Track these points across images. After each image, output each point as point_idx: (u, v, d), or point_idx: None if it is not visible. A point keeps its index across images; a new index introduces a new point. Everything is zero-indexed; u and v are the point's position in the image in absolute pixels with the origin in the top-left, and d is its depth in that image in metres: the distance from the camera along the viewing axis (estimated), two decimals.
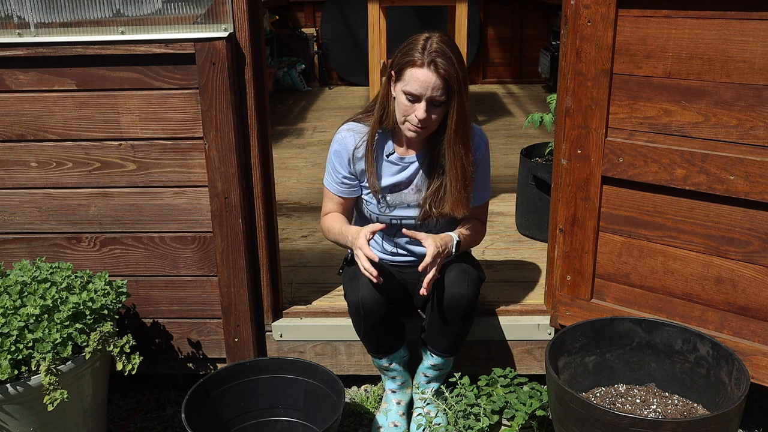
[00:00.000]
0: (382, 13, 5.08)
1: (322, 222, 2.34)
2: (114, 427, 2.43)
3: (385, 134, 2.21)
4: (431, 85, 1.98)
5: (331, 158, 2.24)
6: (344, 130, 2.22)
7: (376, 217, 2.26)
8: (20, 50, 2.16)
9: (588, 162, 2.18)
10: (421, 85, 1.98)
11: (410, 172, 2.21)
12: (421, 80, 1.98)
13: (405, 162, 2.20)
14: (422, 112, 2.00)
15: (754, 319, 2.06)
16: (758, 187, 1.94)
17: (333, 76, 6.98)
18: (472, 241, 2.28)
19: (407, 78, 2.00)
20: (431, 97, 1.99)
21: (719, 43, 1.92)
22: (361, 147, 2.18)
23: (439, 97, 2.00)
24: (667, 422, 1.78)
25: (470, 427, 2.16)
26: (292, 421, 2.23)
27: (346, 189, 2.25)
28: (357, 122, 2.23)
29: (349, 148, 2.19)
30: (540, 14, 6.64)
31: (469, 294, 2.12)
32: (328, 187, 2.28)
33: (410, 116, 2.03)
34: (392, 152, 2.20)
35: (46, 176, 2.30)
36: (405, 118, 2.05)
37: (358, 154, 2.19)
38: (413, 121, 2.03)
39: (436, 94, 1.99)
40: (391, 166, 2.21)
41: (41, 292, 2.06)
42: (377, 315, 2.14)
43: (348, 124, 2.24)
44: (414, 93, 1.99)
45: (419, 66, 1.98)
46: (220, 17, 2.17)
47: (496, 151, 4.18)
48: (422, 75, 1.97)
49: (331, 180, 2.26)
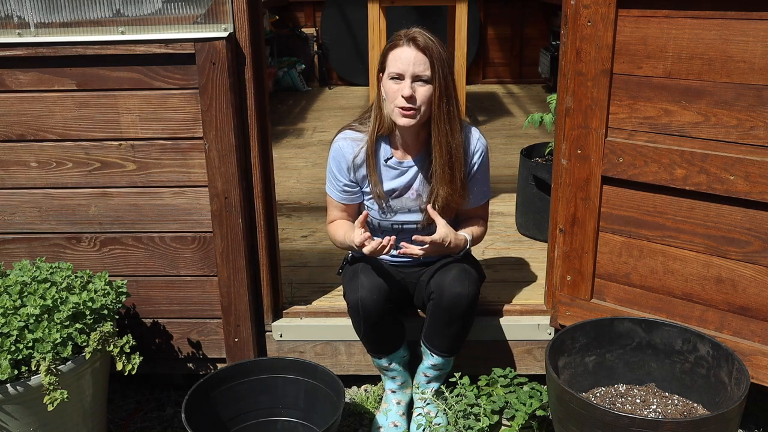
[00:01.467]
0: (382, 13, 5.08)
1: (328, 230, 2.35)
2: (114, 427, 2.43)
3: (382, 140, 2.21)
4: (412, 60, 2.02)
5: (330, 167, 2.24)
6: (341, 139, 2.23)
7: (378, 222, 2.26)
8: (20, 50, 2.16)
9: (588, 162, 2.18)
10: (404, 62, 2.02)
11: (409, 176, 2.21)
12: (403, 57, 2.03)
13: (403, 166, 2.20)
14: (407, 89, 2.02)
15: (754, 319, 2.06)
16: (758, 187, 1.94)
17: (333, 76, 6.98)
18: (476, 239, 2.31)
19: (390, 61, 2.06)
20: (414, 73, 2.02)
21: (719, 43, 1.92)
22: (360, 154, 2.19)
23: (422, 73, 2.03)
24: (667, 422, 1.78)
25: (470, 427, 2.16)
26: (292, 421, 2.23)
27: (349, 196, 2.26)
28: (353, 130, 2.23)
29: (348, 156, 2.20)
30: (540, 14, 6.63)
31: (470, 293, 2.13)
32: (331, 195, 2.28)
33: (397, 99, 2.05)
34: (390, 157, 2.20)
35: (46, 176, 2.30)
36: (394, 105, 2.07)
37: (357, 162, 2.20)
38: (400, 102, 2.04)
39: (419, 69, 2.02)
40: (390, 170, 2.21)
41: (41, 292, 2.06)
42: (376, 315, 2.14)
43: (344, 132, 2.24)
44: (398, 72, 2.04)
45: (400, 46, 2.04)
46: (220, 17, 2.17)
47: (496, 151, 4.17)
48: (403, 52, 2.03)
49: (333, 188, 2.27)
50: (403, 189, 2.22)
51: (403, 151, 2.21)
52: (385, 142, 2.21)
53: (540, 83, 6.55)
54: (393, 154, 2.21)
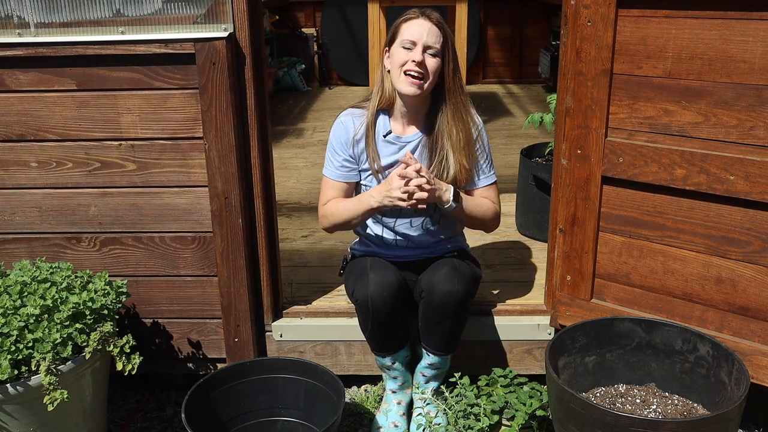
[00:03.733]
0: (382, 13, 5.09)
1: (323, 210, 2.29)
2: (114, 427, 2.43)
3: (382, 113, 2.23)
4: (426, 30, 2.08)
5: (331, 143, 2.26)
6: (342, 115, 2.27)
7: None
8: (20, 50, 2.16)
9: (588, 162, 2.18)
10: (418, 31, 2.08)
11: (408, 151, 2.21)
12: (417, 28, 2.09)
13: (402, 141, 2.22)
14: (419, 55, 2.07)
15: (754, 319, 2.06)
16: (758, 187, 1.94)
17: (333, 76, 6.98)
18: (476, 206, 2.23)
19: (403, 32, 2.11)
20: (427, 43, 2.08)
21: (719, 43, 1.92)
22: (360, 129, 2.21)
23: (434, 44, 2.08)
24: (667, 422, 1.78)
25: (470, 427, 2.16)
26: (292, 421, 2.23)
27: (346, 173, 2.25)
28: (354, 107, 2.27)
29: (349, 131, 2.22)
30: (540, 14, 6.63)
31: (459, 291, 2.12)
32: (328, 174, 2.28)
33: (407, 63, 2.08)
34: (389, 132, 2.22)
35: (46, 176, 2.30)
36: (401, 70, 2.09)
37: (357, 136, 2.22)
38: (410, 66, 2.08)
39: (431, 40, 2.08)
40: (389, 145, 2.22)
41: (41, 292, 2.06)
42: (385, 313, 2.14)
43: (346, 110, 2.28)
44: (411, 39, 2.08)
45: (413, 18, 2.11)
46: (220, 17, 2.17)
47: (496, 151, 4.15)
48: (417, 23, 2.10)
49: (331, 166, 2.27)
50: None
51: (402, 126, 2.22)
52: (385, 114, 2.23)
53: (540, 83, 6.55)
54: (392, 128, 2.22)
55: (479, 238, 3.04)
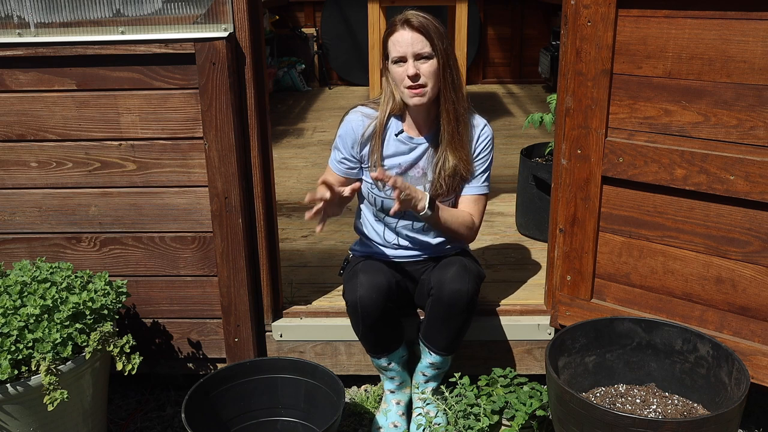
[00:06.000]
0: (382, 13, 5.09)
1: None
2: (114, 427, 2.43)
3: (394, 117, 2.23)
4: (410, 40, 2.07)
5: (337, 139, 2.26)
6: (353, 112, 2.25)
7: (381, 201, 2.25)
8: (20, 50, 2.16)
9: (588, 162, 2.18)
10: (402, 45, 2.07)
11: (418, 153, 2.21)
12: (400, 40, 2.08)
13: (414, 142, 2.22)
14: (411, 68, 2.07)
15: (754, 319, 2.06)
16: (758, 187, 1.94)
17: (333, 76, 6.98)
18: (453, 217, 2.20)
19: (390, 47, 2.10)
20: (414, 52, 2.07)
21: (719, 43, 1.92)
22: (369, 129, 2.21)
23: (422, 50, 2.07)
24: (667, 422, 1.78)
25: (470, 427, 2.16)
26: (292, 421, 2.23)
27: (345, 168, 2.26)
28: (367, 107, 2.26)
29: (357, 132, 2.21)
30: (540, 14, 6.64)
31: (470, 290, 2.13)
32: (330, 164, 2.30)
33: (404, 80, 2.09)
34: (401, 131, 2.22)
35: (46, 176, 2.30)
36: (403, 87, 2.11)
37: (365, 137, 2.21)
38: (407, 83, 2.08)
39: (418, 47, 2.07)
40: (400, 144, 2.22)
41: (41, 292, 2.06)
42: (374, 315, 2.14)
43: (358, 107, 2.27)
44: (399, 55, 2.08)
45: (396, 31, 2.10)
46: (220, 17, 2.17)
47: (496, 151, 4.16)
48: (400, 36, 2.08)
49: (333, 158, 2.28)
50: (408, 166, 2.22)
51: (414, 129, 2.23)
52: (397, 119, 2.23)
53: (540, 83, 6.55)
54: (405, 131, 2.23)
55: (479, 238, 3.04)
